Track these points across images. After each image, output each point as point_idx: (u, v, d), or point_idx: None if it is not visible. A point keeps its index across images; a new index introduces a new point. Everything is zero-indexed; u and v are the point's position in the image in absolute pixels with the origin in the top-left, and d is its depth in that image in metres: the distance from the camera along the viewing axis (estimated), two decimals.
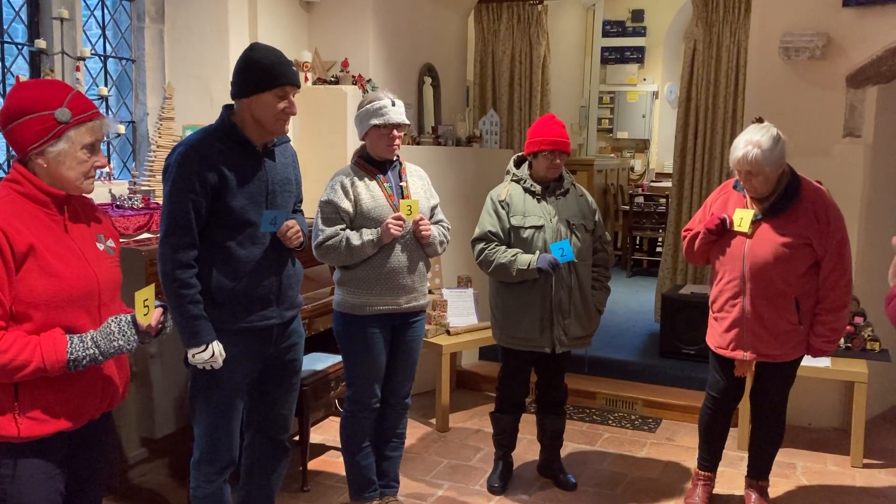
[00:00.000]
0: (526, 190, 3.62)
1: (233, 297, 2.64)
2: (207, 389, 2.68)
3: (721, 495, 3.77)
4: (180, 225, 2.55)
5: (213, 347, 2.57)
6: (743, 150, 3.13)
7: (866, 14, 4.31)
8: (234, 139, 2.62)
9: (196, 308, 2.56)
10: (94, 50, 4.21)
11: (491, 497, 3.75)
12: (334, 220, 3.18)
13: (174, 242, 2.55)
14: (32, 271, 1.95)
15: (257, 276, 2.67)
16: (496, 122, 6.01)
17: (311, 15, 4.98)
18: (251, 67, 2.61)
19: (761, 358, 3.34)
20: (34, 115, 2.00)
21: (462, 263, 5.30)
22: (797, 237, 3.20)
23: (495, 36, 6.14)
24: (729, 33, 5.67)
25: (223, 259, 2.62)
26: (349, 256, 3.14)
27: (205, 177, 2.54)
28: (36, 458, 2.02)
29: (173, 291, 2.54)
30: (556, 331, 3.55)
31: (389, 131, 3.17)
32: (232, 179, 2.59)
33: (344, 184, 3.20)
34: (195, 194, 2.54)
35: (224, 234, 2.62)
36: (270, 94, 2.59)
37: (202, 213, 2.57)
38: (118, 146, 4.43)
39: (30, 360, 1.92)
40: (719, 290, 3.39)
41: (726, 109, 5.73)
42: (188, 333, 2.56)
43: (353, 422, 3.33)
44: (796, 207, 3.22)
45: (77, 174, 2.06)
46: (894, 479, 4.00)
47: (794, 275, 3.23)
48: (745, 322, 3.30)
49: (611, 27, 9.92)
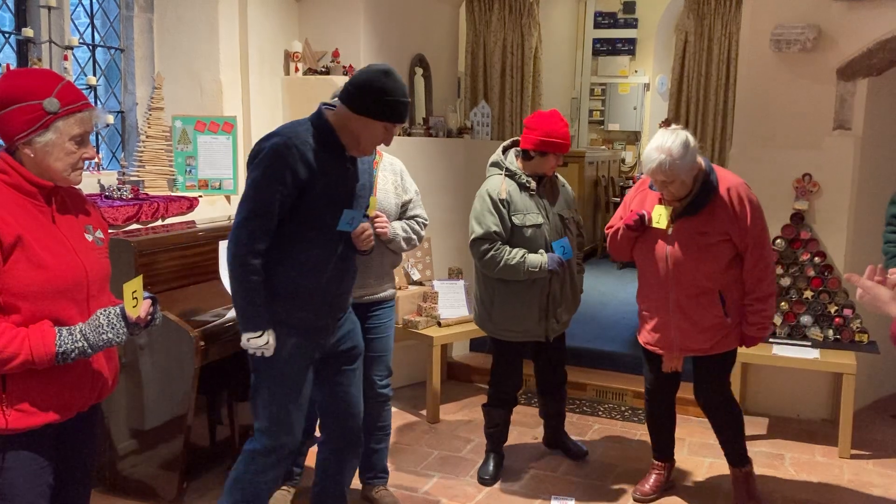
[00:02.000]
0: (520, 185, 3.59)
1: (295, 294, 2.67)
2: (270, 381, 2.72)
3: (715, 477, 3.79)
4: (262, 213, 2.55)
5: (267, 335, 2.61)
6: (656, 161, 3.07)
7: (857, 6, 4.32)
8: (328, 141, 2.64)
9: (258, 296, 2.59)
10: (82, 39, 4.17)
11: (482, 488, 3.76)
12: None
13: (253, 229, 2.56)
14: (20, 262, 1.93)
15: (319, 278, 2.69)
16: (487, 113, 6.00)
17: (301, 5, 4.95)
18: (378, 92, 2.57)
19: (690, 353, 3.37)
20: (22, 104, 1.98)
21: (453, 255, 5.29)
22: (717, 233, 3.21)
23: (487, 27, 6.11)
24: (720, 25, 5.68)
25: (294, 254, 2.65)
26: None
27: (296, 171, 2.55)
28: (24, 450, 2.01)
29: (241, 276, 2.57)
30: (551, 320, 3.66)
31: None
32: (319, 179, 2.60)
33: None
34: (284, 186, 2.54)
35: (300, 230, 2.64)
36: (382, 124, 2.62)
37: (285, 207, 2.58)
38: (107, 136, 4.40)
39: (17, 352, 1.90)
40: (645, 287, 3.43)
41: (717, 101, 5.75)
42: (248, 318, 2.61)
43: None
44: (713, 204, 3.21)
45: (65, 165, 2.04)
46: (882, 470, 4.03)
47: (717, 270, 3.24)
48: (672, 319, 3.32)
49: (602, 19, 9.90)
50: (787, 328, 4.50)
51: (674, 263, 3.25)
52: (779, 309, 4.53)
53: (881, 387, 5.00)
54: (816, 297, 4.48)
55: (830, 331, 4.43)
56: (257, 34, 4.57)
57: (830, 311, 4.45)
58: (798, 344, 4.41)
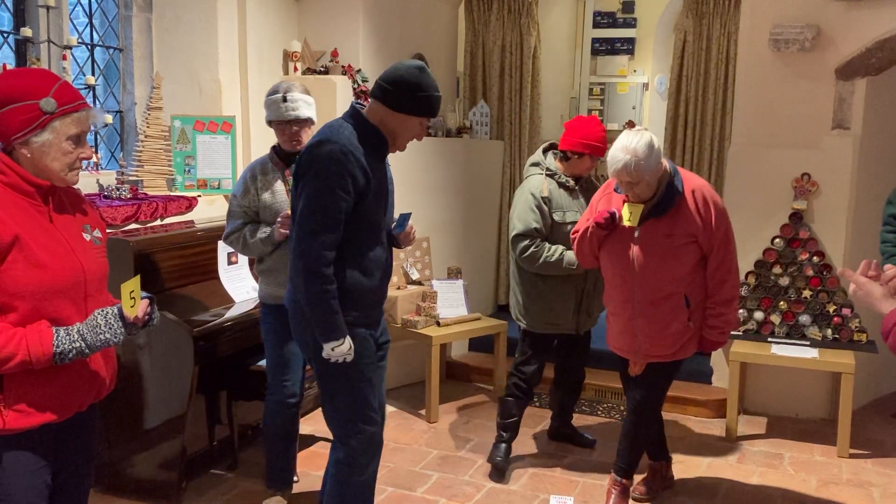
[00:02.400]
0: (560, 184, 3.75)
1: (363, 295, 2.70)
2: (351, 385, 2.71)
3: (714, 477, 3.80)
4: (331, 224, 2.55)
5: (348, 340, 2.62)
6: (622, 161, 3.05)
7: (856, 6, 4.32)
8: (373, 141, 2.65)
9: (336, 303, 2.59)
10: (80, 39, 4.17)
11: (481, 487, 3.76)
12: (236, 213, 3.28)
13: (324, 241, 2.55)
14: (18, 262, 1.92)
15: (380, 276, 2.75)
16: (486, 113, 6.00)
17: (300, 4, 4.94)
18: (414, 88, 2.60)
19: (653, 359, 3.34)
20: (19, 104, 1.97)
21: (452, 254, 5.30)
22: (683, 235, 3.19)
23: (486, 26, 6.11)
24: (719, 25, 5.67)
25: (358, 258, 2.66)
26: (248, 251, 3.26)
27: (356, 177, 2.56)
28: (22, 450, 2.01)
29: (319, 287, 2.56)
30: (583, 314, 3.84)
31: (284, 127, 3.16)
32: (373, 181, 2.62)
33: (247, 177, 3.25)
34: (347, 193, 2.55)
35: (358, 234, 2.65)
36: (419, 120, 2.66)
37: (348, 213, 2.58)
38: (106, 136, 4.40)
39: (15, 352, 1.90)
40: (611, 290, 3.41)
41: (716, 101, 5.74)
42: (330, 327, 2.59)
43: (272, 411, 3.40)
44: (679, 206, 3.19)
45: (62, 165, 2.03)
46: (880, 470, 4.03)
47: (682, 273, 3.22)
48: (636, 323, 3.30)
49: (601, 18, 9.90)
50: (785, 327, 4.50)
51: (639, 266, 3.22)
52: (777, 308, 4.54)
53: (880, 386, 5.01)
54: (815, 296, 4.48)
55: (829, 330, 4.43)
56: (256, 34, 4.57)
57: (829, 311, 4.45)
58: (797, 343, 4.41)
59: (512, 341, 4.64)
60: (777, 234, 4.58)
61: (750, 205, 4.64)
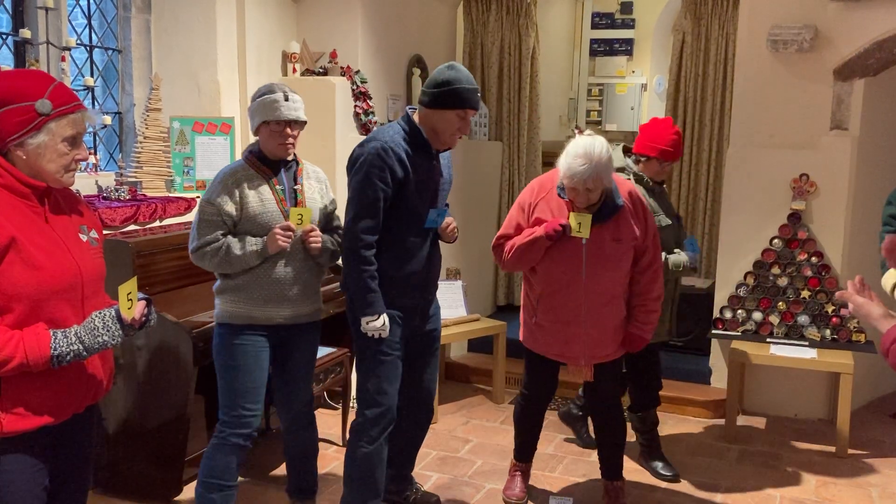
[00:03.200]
0: (647, 189, 3.68)
1: (393, 280, 3.01)
2: (374, 359, 3.05)
3: (708, 478, 3.80)
4: (371, 211, 2.92)
5: (383, 317, 2.96)
6: (584, 168, 3.01)
7: (854, 7, 4.33)
8: (417, 141, 2.99)
9: (374, 282, 2.94)
10: (79, 40, 4.17)
11: (480, 487, 3.76)
12: (215, 223, 2.93)
13: (364, 225, 2.92)
14: (14, 264, 1.92)
15: (415, 264, 3.05)
16: (485, 113, 6.00)
17: (299, 5, 4.95)
18: (445, 85, 2.91)
19: (598, 360, 3.33)
20: (14, 105, 1.96)
21: (451, 255, 5.30)
22: (628, 238, 3.21)
23: (484, 27, 6.11)
24: (717, 26, 5.68)
25: (393, 246, 3.00)
26: (228, 265, 2.93)
27: (394, 170, 2.91)
28: (20, 452, 2.00)
29: (357, 267, 2.93)
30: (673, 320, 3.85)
31: (282, 129, 2.92)
32: (412, 176, 2.95)
33: (229, 183, 2.94)
34: (385, 185, 2.91)
35: (397, 224, 2.99)
36: (454, 112, 2.94)
37: (388, 202, 2.93)
38: (105, 137, 4.40)
39: (12, 355, 1.90)
40: (551, 298, 3.29)
41: (714, 102, 5.74)
42: (365, 304, 2.94)
43: (222, 450, 3.01)
44: (621, 209, 3.20)
45: (57, 167, 2.03)
46: (879, 469, 4.04)
47: (624, 274, 3.25)
48: (583, 329, 3.25)
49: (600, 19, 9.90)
50: (784, 328, 4.51)
51: (589, 272, 3.18)
52: (776, 309, 4.54)
53: (878, 386, 5.01)
54: (814, 296, 4.48)
55: (828, 330, 4.43)
56: (255, 35, 4.57)
57: (828, 311, 4.45)
58: (795, 344, 4.42)
59: (511, 342, 4.65)
60: (775, 235, 4.59)
61: (748, 205, 4.65)
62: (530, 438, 3.66)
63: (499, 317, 5.56)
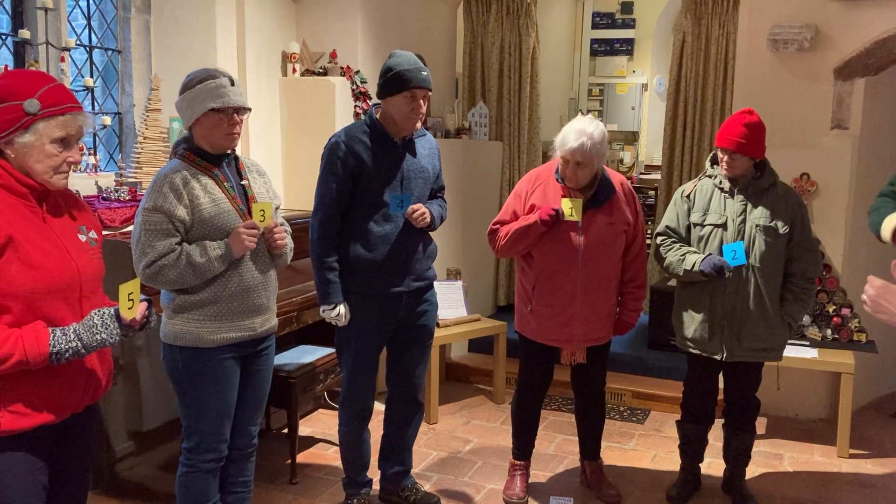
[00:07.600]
0: (716, 186, 3.39)
1: (365, 266, 3.10)
2: (347, 344, 3.21)
3: (713, 476, 3.80)
4: (325, 203, 3.06)
5: (339, 308, 3.09)
6: (577, 142, 3.17)
7: (854, 6, 4.32)
8: (375, 132, 3.08)
9: (331, 274, 3.08)
10: (79, 40, 4.17)
11: (480, 488, 3.76)
12: (165, 231, 2.54)
13: (322, 216, 3.07)
14: (12, 263, 1.92)
15: (387, 250, 3.11)
16: (485, 113, 5.99)
17: (298, 6, 4.95)
18: (387, 72, 3.01)
19: (591, 343, 3.46)
20: (4, 104, 1.98)
21: (452, 255, 5.29)
22: (621, 223, 3.36)
23: (484, 27, 6.11)
24: (718, 25, 5.67)
25: (360, 234, 3.10)
26: (193, 277, 2.56)
27: (346, 162, 3.03)
28: (19, 451, 2.00)
29: (315, 257, 3.10)
30: (727, 337, 3.34)
31: (230, 116, 2.59)
32: (369, 166, 3.04)
33: (175, 185, 2.56)
34: (338, 177, 3.04)
35: (363, 212, 3.09)
36: (400, 96, 3.00)
37: (345, 195, 3.06)
38: (104, 138, 4.40)
39: (11, 353, 1.90)
40: (549, 282, 3.35)
41: (715, 102, 5.73)
42: (322, 293, 3.10)
43: (196, 478, 2.74)
44: (615, 196, 3.36)
45: (45, 167, 2.02)
46: (880, 469, 4.03)
47: (618, 259, 3.40)
48: (579, 312, 3.37)
49: (600, 19, 9.90)
50: None
51: (585, 255, 3.31)
52: None
53: (879, 386, 5.00)
54: (815, 296, 4.47)
55: (829, 330, 4.43)
56: (255, 35, 4.57)
57: (829, 311, 4.45)
58: (796, 343, 4.41)
59: (511, 342, 4.64)
60: None
61: None
62: (528, 433, 3.69)
63: (499, 317, 5.56)
